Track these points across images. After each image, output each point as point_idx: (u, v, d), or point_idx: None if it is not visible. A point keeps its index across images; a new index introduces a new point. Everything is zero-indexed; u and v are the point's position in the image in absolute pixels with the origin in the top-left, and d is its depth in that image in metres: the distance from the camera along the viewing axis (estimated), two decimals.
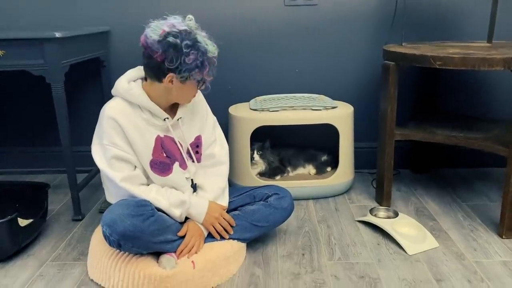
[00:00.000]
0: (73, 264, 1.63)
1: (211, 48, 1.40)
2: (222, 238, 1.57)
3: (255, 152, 2.11)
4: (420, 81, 2.29)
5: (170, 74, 1.39)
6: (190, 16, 1.43)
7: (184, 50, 1.35)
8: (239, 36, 2.28)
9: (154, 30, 1.38)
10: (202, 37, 1.39)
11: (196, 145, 1.62)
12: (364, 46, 2.28)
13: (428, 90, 2.29)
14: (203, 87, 1.49)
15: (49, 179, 2.38)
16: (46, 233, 1.85)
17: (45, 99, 1.95)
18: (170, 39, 1.35)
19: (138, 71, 1.53)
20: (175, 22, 1.38)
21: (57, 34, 1.72)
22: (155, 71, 1.42)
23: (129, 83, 1.48)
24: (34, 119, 2.43)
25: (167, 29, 1.36)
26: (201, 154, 1.64)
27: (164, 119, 1.51)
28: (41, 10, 2.26)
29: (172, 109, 1.55)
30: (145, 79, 1.50)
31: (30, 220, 1.73)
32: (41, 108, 2.36)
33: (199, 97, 1.63)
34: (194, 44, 1.36)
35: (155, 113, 1.49)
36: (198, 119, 1.62)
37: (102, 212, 1.57)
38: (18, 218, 1.67)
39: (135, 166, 1.48)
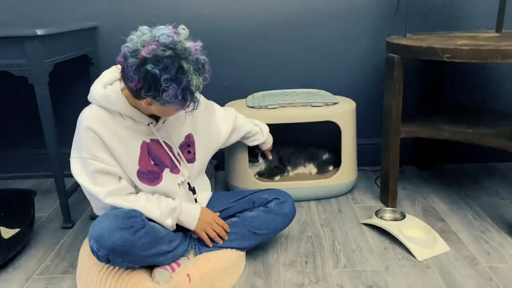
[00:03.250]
0: (61, 277, 1.53)
1: (196, 82, 1.21)
2: (216, 245, 1.48)
3: (259, 155, 2.00)
4: (424, 73, 2.19)
5: (148, 99, 1.25)
6: (183, 26, 1.25)
7: (163, 85, 1.17)
8: (235, 30, 2.16)
9: (134, 49, 1.18)
10: (189, 63, 1.20)
11: (187, 144, 1.51)
12: (365, 37, 2.17)
13: (432, 83, 2.19)
14: (189, 110, 1.31)
15: (38, 184, 2.28)
16: (34, 243, 1.75)
17: (30, 99, 1.84)
18: (149, 67, 1.16)
19: (114, 72, 1.38)
20: (159, 43, 1.17)
21: (39, 32, 1.61)
22: (133, 93, 1.26)
23: (106, 88, 1.34)
24: (19, 120, 2.32)
25: (146, 55, 1.16)
26: (194, 153, 1.53)
27: (148, 124, 1.40)
28: (23, 5, 2.13)
29: None
30: None
31: (16, 230, 1.63)
32: (27, 108, 2.25)
33: None
34: (176, 78, 1.18)
35: (137, 119, 1.37)
36: (188, 117, 1.50)
37: (93, 219, 1.47)
38: (3, 228, 1.58)
39: (120, 177, 1.38)
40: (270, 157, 1.98)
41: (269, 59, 2.21)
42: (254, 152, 1.98)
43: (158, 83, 1.19)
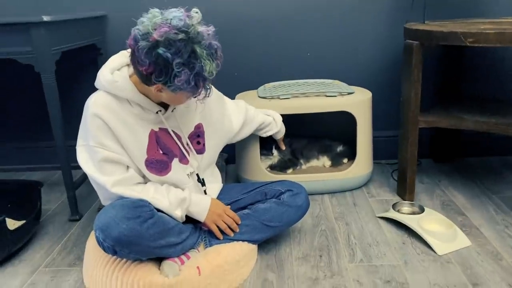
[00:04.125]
0: (68, 270, 1.49)
1: (209, 68, 1.16)
2: (227, 237, 1.43)
3: (274, 147, 1.94)
4: (442, 62, 2.10)
5: (158, 85, 1.19)
6: (196, 10, 1.19)
7: (175, 69, 1.13)
8: (245, 18, 2.10)
9: (145, 31, 1.13)
10: (202, 48, 1.14)
11: (197, 134, 1.46)
12: (381, 25, 2.10)
13: (451, 73, 2.10)
14: (201, 97, 1.26)
15: (46, 176, 2.25)
16: (41, 235, 1.71)
17: (37, 89, 1.81)
18: (160, 51, 1.11)
19: (122, 57, 1.33)
20: (171, 26, 1.12)
21: (45, 18, 1.57)
22: (142, 78, 1.21)
23: (113, 74, 1.29)
24: (27, 111, 2.29)
25: (158, 38, 1.11)
26: (204, 144, 1.48)
27: (157, 112, 1.34)
28: None
29: None
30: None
31: (22, 222, 1.59)
32: (34, 99, 2.21)
33: None
34: (188, 62, 1.13)
35: (145, 106, 1.31)
36: (199, 107, 1.45)
37: None
38: (9, 220, 1.54)
39: (128, 166, 1.32)
40: (284, 147, 1.92)
41: (281, 48, 2.14)
42: (268, 145, 1.92)
43: (169, 67, 1.13)
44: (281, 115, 1.84)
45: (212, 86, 1.42)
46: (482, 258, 1.45)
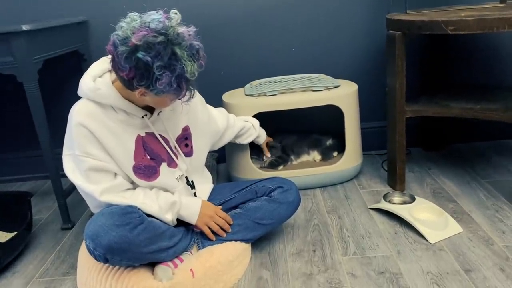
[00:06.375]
0: (62, 280, 1.48)
1: (190, 69, 1.14)
2: (220, 238, 1.43)
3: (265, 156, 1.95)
4: (426, 50, 2.11)
5: (141, 90, 1.18)
6: (175, 11, 1.18)
7: (156, 73, 1.11)
8: (228, 16, 2.10)
9: (124, 36, 1.12)
10: (182, 49, 1.13)
11: (185, 137, 1.45)
12: (364, 16, 2.10)
13: (436, 61, 2.11)
14: (185, 99, 1.25)
15: (37, 186, 2.23)
16: (33, 246, 1.70)
17: (21, 98, 1.80)
18: (140, 55, 1.10)
19: (103, 63, 1.32)
20: (150, 29, 1.11)
21: (24, 27, 1.55)
22: (125, 83, 1.20)
23: (95, 81, 1.28)
24: (13, 121, 2.27)
25: (136, 42, 1.10)
26: (191, 147, 1.47)
27: (142, 117, 1.33)
28: (8, 4, 2.07)
29: None
30: None
31: (13, 234, 1.58)
32: (20, 108, 2.19)
33: None
34: (169, 65, 1.12)
35: (130, 112, 1.30)
36: (184, 109, 1.44)
37: None
38: (0, 232, 1.52)
39: (115, 174, 1.32)
40: (269, 155, 1.93)
41: (266, 45, 2.14)
42: (259, 151, 1.93)
43: (150, 71, 1.12)
44: (269, 112, 1.84)
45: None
46: (474, 244, 1.46)
